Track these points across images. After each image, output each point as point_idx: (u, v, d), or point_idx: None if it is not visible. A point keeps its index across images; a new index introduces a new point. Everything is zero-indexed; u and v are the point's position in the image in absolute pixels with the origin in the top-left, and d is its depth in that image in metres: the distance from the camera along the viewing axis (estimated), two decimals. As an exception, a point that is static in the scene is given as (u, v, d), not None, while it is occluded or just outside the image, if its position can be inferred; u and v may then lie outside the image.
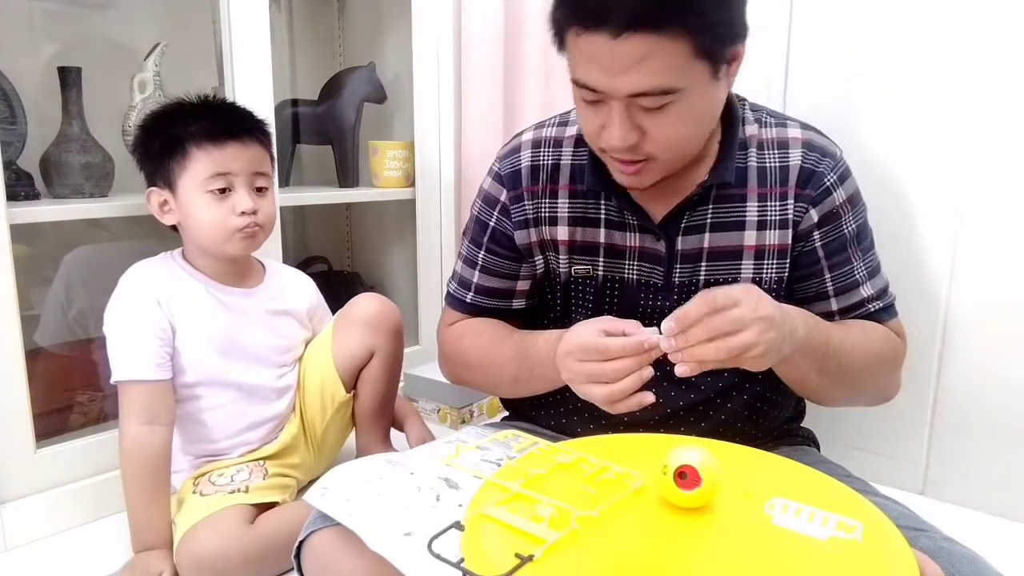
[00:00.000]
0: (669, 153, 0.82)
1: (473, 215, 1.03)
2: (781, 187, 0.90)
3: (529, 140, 0.99)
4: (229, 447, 1.17)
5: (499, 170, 0.99)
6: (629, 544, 0.56)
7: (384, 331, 1.26)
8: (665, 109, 0.77)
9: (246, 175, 1.11)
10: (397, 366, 1.30)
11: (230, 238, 1.11)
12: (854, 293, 0.92)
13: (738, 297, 0.72)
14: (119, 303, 1.10)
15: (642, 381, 0.75)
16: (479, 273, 1.01)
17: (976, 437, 1.19)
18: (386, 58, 1.88)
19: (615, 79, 0.75)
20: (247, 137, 1.12)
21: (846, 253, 0.91)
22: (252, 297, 1.20)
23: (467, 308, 1.03)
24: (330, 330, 1.27)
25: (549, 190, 0.96)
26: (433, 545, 0.55)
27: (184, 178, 1.09)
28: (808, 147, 0.90)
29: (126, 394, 1.06)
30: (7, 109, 1.24)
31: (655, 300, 0.93)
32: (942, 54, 1.16)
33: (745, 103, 0.94)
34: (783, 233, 0.90)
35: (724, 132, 0.90)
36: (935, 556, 0.60)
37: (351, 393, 1.27)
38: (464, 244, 1.04)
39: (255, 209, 1.11)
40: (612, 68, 0.74)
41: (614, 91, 0.76)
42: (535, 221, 0.96)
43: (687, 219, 0.90)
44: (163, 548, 1.04)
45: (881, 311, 0.94)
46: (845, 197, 0.91)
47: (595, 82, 0.77)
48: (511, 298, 1.02)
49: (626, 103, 0.77)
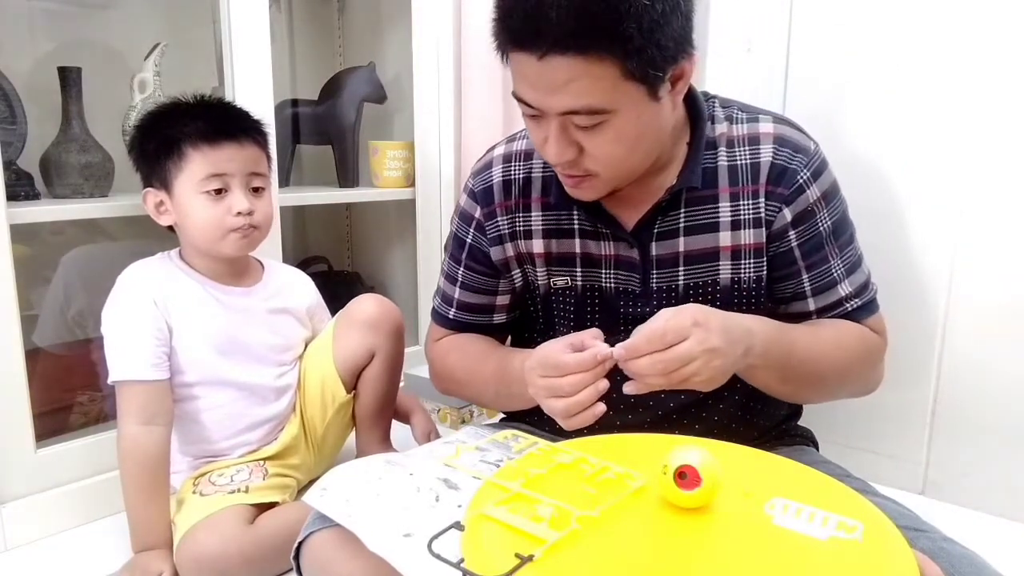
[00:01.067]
0: (609, 171, 0.82)
1: (452, 231, 1.04)
2: (753, 184, 0.88)
3: (500, 155, 0.99)
4: (228, 447, 1.17)
5: (472, 187, 1.00)
6: (629, 544, 0.56)
7: (385, 332, 1.26)
8: (599, 128, 0.77)
9: (242, 175, 1.11)
10: (398, 366, 1.30)
11: (225, 238, 1.11)
12: (832, 292, 0.91)
13: (686, 331, 0.72)
14: (115, 303, 1.10)
15: (598, 393, 0.75)
16: (459, 289, 1.03)
17: (976, 437, 1.19)
18: (386, 58, 1.88)
19: (545, 98, 0.76)
20: (243, 137, 1.12)
21: (823, 252, 0.90)
22: (250, 296, 1.20)
23: (450, 324, 1.05)
24: (331, 330, 1.27)
25: (522, 204, 0.96)
26: (433, 545, 0.55)
27: (180, 179, 1.09)
28: (780, 142, 0.88)
29: (123, 394, 1.06)
30: (7, 109, 1.24)
31: (635, 307, 0.92)
32: (942, 54, 1.16)
33: (715, 101, 0.93)
34: (757, 232, 0.89)
35: (692, 134, 0.89)
36: (935, 556, 0.60)
37: (352, 393, 1.27)
38: (445, 260, 1.05)
39: (251, 210, 1.11)
40: (539, 87, 0.76)
41: (546, 108, 0.77)
42: (510, 236, 0.97)
43: (659, 224, 0.90)
44: (163, 548, 1.04)
45: (860, 309, 0.92)
46: (819, 194, 0.89)
47: (529, 99, 0.78)
48: (491, 313, 1.03)
49: (560, 120, 0.77)
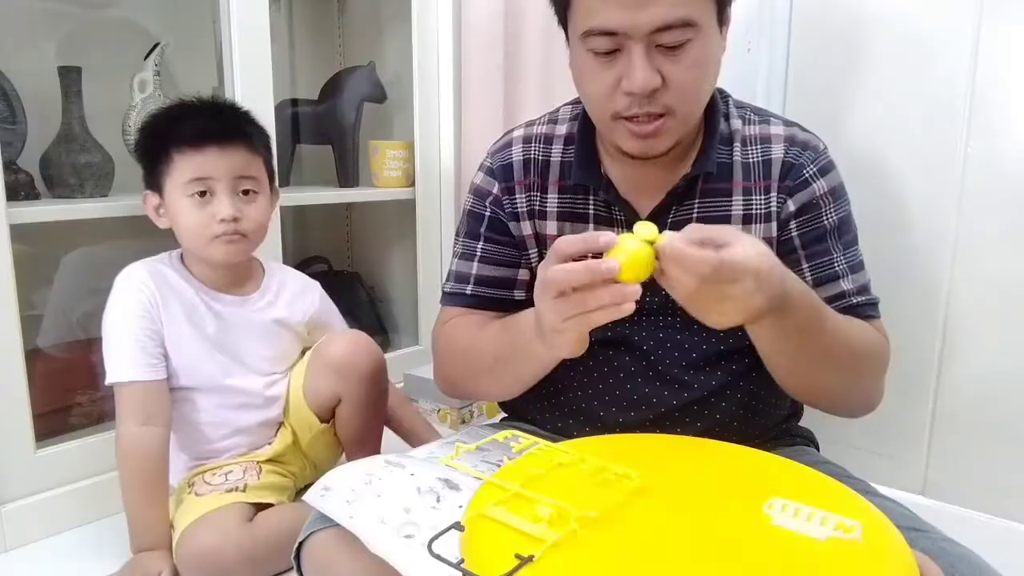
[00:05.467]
0: (686, 104, 0.82)
1: (466, 210, 1.02)
2: (764, 180, 0.90)
3: (520, 136, 0.99)
4: (222, 448, 1.17)
5: (491, 164, 0.99)
6: (628, 544, 0.56)
7: (353, 378, 1.19)
8: (684, 49, 0.78)
9: (228, 179, 1.09)
10: (371, 408, 1.23)
11: (210, 244, 1.10)
12: (834, 285, 0.89)
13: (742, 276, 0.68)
14: (112, 305, 1.10)
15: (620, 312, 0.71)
16: (478, 264, 0.99)
17: (976, 437, 1.19)
18: (386, 58, 1.88)
19: (638, 12, 0.75)
20: (229, 142, 1.10)
21: (825, 244, 0.90)
22: (244, 306, 1.19)
23: (466, 301, 0.99)
24: (305, 361, 1.23)
25: (539, 185, 0.96)
26: (433, 546, 0.55)
27: (169, 182, 1.09)
28: (790, 142, 0.90)
29: (121, 395, 1.07)
30: (7, 109, 1.24)
31: (643, 296, 0.92)
32: (942, 53, 1.16)
33: (729, 99, 0.94)
34: (767, 227, 0.90)
35: (706, 124, 0.90)
36: (935, 557, 0.60)
37: (331, 421, 1.23)
38: (459, 242, 1.02)
39: (235, 216, 1.09)
40: (633, 2, 0.75)
41: (637, 26, 0.76)
42: (528, 214, 0.96)
43: (674, 214, 0.90)
44: (162, 548, 1.04)
45: (864, 306, 0.90)
46: (827, 188, 0.89)
47: (616, 22, 0.77)
48: (512, 287, 0.99)
49: (646, 44, 0.77)
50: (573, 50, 0.85)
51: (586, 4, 0.79)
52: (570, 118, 0.97)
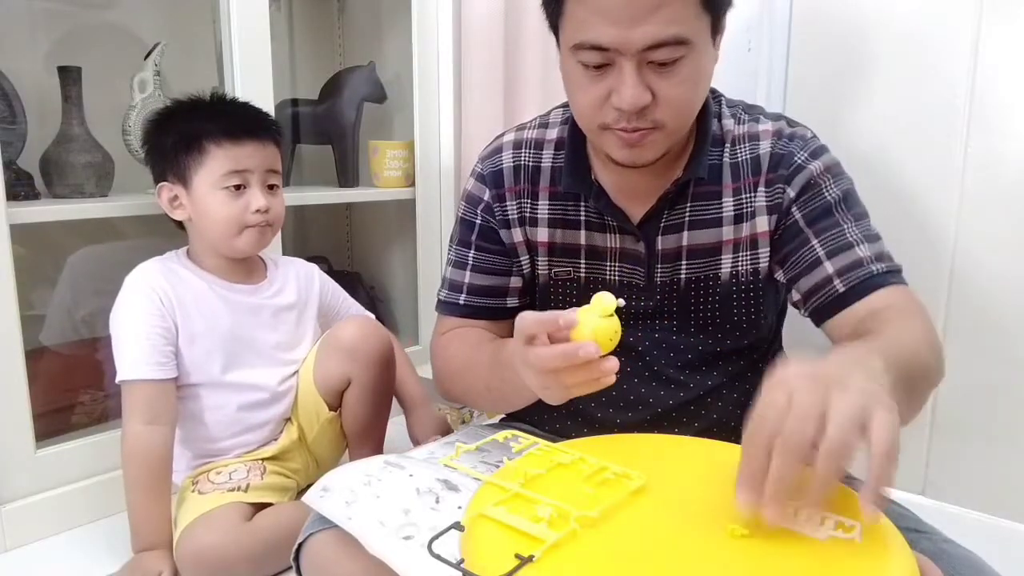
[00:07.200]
0: (676, 119, 0.81)
1: (458, 218, 1.02)
2: (754, 177, 0.89)
3: (510, 141, 0.98)
4: (228, 447, 1.17)
5: (481, 170, 0.99)
6: (628, 544, 0.56)
7: (362, 361, 1.21)
8: (676, 66, 0.77)
9: (260, 172, 1.13)
10: (379, 394, 1.25)
11: (241, 234, 1.13)
12: (849, 253, 0.84)
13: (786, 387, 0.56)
14: (123, 303, 1.10)
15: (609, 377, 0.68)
16: (470, 273, 1.00)
17: (976, 437, 1.19)
18: (386, 58, 1.88)
19: (630, 30, 0.74)
20: (264, 136, 1.15)
21: (833, 217, 0.86)
22: (256, 293, 1.20)
23: (460, 311, 1.00)
24: (315, 348, 1.25)
25: (530, 191, 0.95)
26: (433, 546, 0.55)
27: (200, 174, 1.10)
28: (777, 136, 0.89)
29: (129, 394, 1.07)
30: (7, 109, 1.24)
31: (637, 300, 0.92)
32: (942, 53, 1.16)
33: (722, 99, 0.93)
34: (760, 221, 0.89)
35: (698, 128, 0.89)
36: (936, 558, 0.60)
37: (337, 411, 1.25)
38: (452, 249, 1.02)
39: (268, 207, 1.13)
40: (623, 20, 0.74)
41: (629, 44, 0.75)
42: (519, 221, 0.96)
43: (666, 218, 0.90)
44: (163, 548, 1.04)
45: (888, 274, 0.83)
46: (822, 167, 0.87)
47: (608, 38, 0.75)
48: (505, 296, 1.00)
49: (638, 61, 0.76)
50: (563, 59, 0.84)
51: (578, 17, 0.77)
52: (561, 122, 0.96)
